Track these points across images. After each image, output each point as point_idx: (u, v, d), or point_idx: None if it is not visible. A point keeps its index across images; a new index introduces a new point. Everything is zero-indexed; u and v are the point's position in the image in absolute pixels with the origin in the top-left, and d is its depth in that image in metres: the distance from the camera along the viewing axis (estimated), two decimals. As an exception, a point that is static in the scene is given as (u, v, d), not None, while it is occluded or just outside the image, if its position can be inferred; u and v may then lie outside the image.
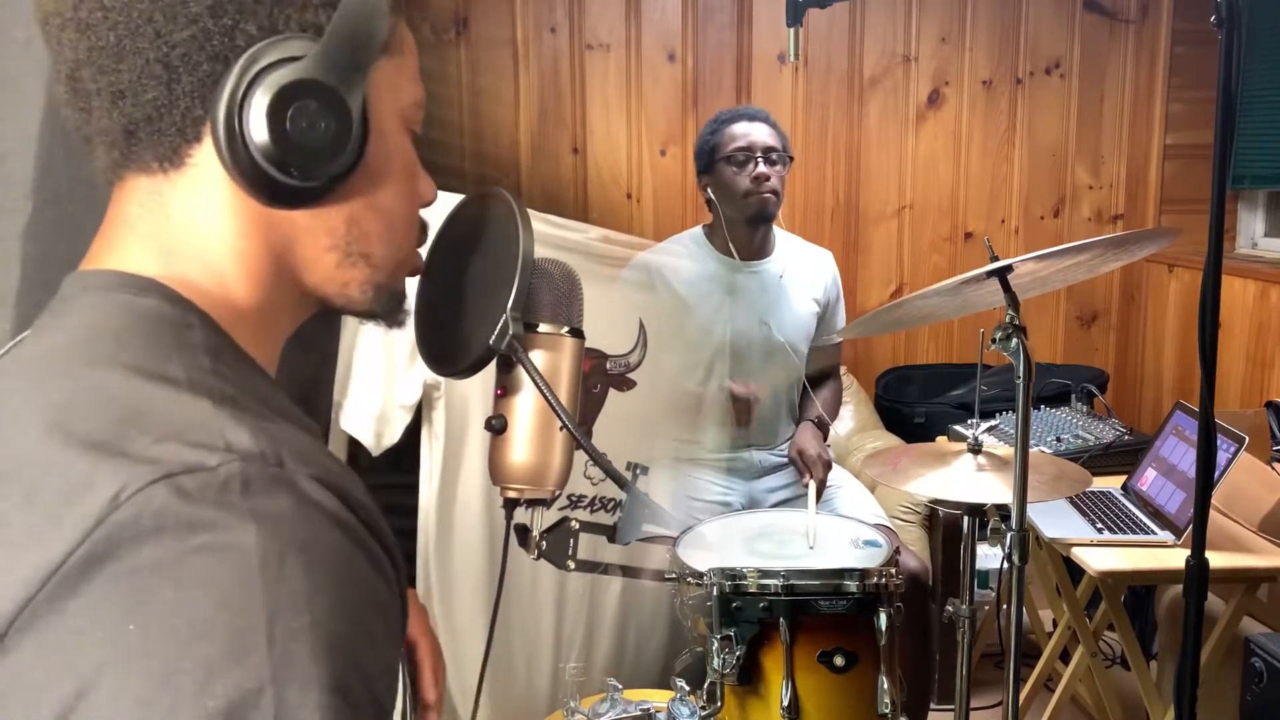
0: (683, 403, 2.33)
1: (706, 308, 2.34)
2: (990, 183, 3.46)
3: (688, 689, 1.53)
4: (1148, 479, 2.28)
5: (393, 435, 2.08)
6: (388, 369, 2.08)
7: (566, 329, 0.94)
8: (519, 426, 0.94)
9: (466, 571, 2.14)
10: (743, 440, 2.38)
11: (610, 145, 3.35)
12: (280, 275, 0.66)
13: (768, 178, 2.26)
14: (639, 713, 1.57)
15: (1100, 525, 2.14)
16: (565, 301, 0.95)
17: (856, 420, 3.14)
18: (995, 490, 1.71)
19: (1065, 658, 2.45)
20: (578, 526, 1.11)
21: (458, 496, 2.13)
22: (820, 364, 2.51)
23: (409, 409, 2.09)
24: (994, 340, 1.48)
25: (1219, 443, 1.95)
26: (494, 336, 0.85)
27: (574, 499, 1.75)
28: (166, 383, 0.56)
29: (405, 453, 2.11)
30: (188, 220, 0.64)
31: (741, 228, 2.33)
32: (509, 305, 0.85)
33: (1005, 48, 3.40)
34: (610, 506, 1.80)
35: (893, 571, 1.51)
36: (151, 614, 0.48)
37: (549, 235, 2.17)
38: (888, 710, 1.45)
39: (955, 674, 1.80)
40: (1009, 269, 1.52)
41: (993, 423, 2.72)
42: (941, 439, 2.83)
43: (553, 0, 3.27)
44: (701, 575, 1.47)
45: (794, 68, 3.35)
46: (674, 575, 1.51)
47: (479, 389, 2.04)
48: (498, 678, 2.17)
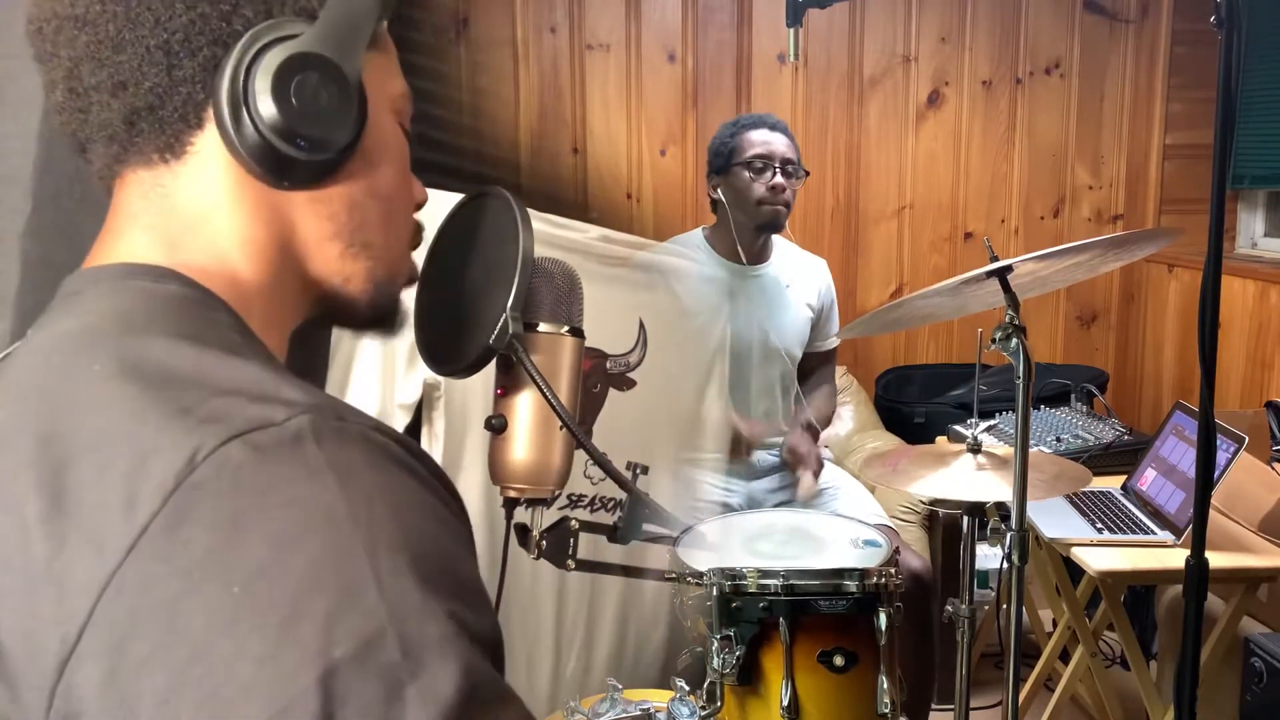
0: (682, 404, 2.34)
1: (708, 310, 2.34)
2: (990, 183, 3.46)
3: (688, 689, 1.53)
4: (1147, 479, 2.28)
5: (392, 435, 2.08)
6: (387, 368, 2.07)
7: (566, 328, 0.94)
8: (519, 426, 0.94)
9: (466, 571, 2.14)
10: (737, 468, 2.39)
11: (610, 145, 3.35)
12: (285, 263, 0.66)
13: (784, 189, 2.27)
14: (639, 713, 1.57)
15: (1100, 525, 2.14)
16: (565, 301, 0.95)
17: (856, 420, 3.14)
18: (995, 490, 1.71)
19: (1065, 658, 2.45)
20: (578, 526, 1.10)
21: (457, 496, 2.13)
22: (814, 367, 2.51)
23: (408, 409, 2.09)
24: (994, 340, 1.48)
25: (1219, 443, 1.95)
26: (494, 336, 0.85)
27: (574, 499, 1.75)
28: (211, 348, 0.56)
29: (405, 452, 2.11)
30: (192, 209, 0.64)
31: (748, 233, 2.34)
32: (509, 305, 0.84)
33: (1005, 48, 3.39)
34: (610, 506, 1.80)
35: (892, 571, 1.50)
36: (252, 572, 0.47)
37: (549, 235, 2.16)
38: (888, 710, 1.45)
39: (955, 674, 1.81)
40: (1009, 269, 1.52)
41: (992, 423, 2.72)
42: (941, 439, 2.83)
43: (553, 0, 3.27)
44: (701, 575, 1.47)
45: (794, 68, 3.35)
46: (674, 575, 1.51)
47: (479, 389, 2.03)
48: (497, 677, 2.16)
